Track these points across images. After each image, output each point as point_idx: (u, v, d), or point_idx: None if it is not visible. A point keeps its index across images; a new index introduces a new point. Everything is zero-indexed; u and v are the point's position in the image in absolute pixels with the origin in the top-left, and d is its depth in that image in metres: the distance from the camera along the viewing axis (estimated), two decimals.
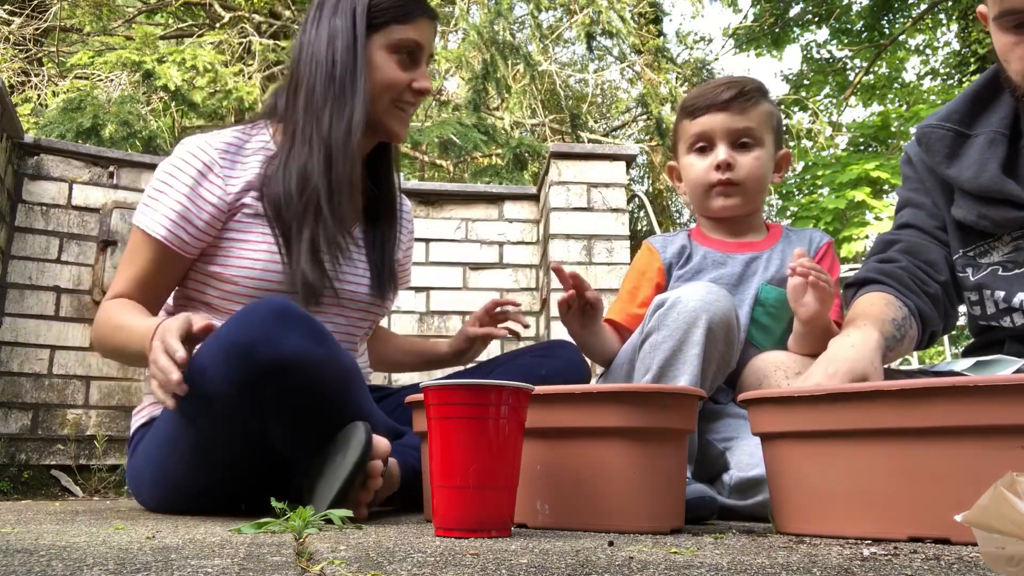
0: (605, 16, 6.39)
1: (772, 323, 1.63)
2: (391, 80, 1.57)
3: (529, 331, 3.10)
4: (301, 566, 0.71)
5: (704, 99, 1.68)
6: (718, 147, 1.66)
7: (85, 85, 5.17)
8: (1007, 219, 1.40)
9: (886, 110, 10.83)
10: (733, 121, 1.65)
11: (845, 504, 1.01)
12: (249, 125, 1.62)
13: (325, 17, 1.56)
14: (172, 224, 1.47)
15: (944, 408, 0.94)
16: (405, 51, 1.57)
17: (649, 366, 1.39)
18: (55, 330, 2.67)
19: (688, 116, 1.70)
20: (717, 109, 1.66)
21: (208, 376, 1.23)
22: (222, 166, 1.52)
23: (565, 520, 1.12)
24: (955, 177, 1.47)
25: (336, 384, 1.26)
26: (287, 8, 6.68)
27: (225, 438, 1.27)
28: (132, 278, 1.52)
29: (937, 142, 1.50)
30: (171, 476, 1.37)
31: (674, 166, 1.80)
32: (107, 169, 2.84)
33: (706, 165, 1.67)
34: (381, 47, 1.57)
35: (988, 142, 1.44)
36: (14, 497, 2.38)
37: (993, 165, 1.42)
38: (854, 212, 8.53)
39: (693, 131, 1.69)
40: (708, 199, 1.69)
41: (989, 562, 0.60)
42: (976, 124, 1.48)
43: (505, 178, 5.39)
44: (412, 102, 1.61)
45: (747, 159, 1.66)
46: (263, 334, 1.19)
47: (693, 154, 1.70)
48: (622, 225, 2.97)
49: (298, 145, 1.53)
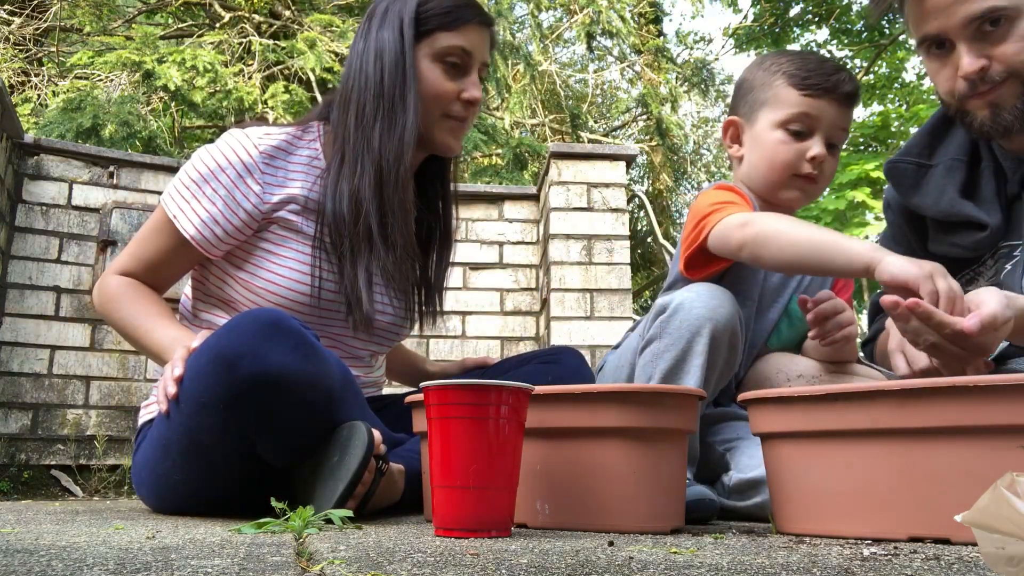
0: (605, 16, 6.39)
1: (792, 333, 1.63)
2: (438, 91, 1.51)
3: (529, 331, 3.10)
4: (301, 566, 0.71)
5: (825, 80, 1.51)
6: (816, 137, 1.53)
7: (85, 85, 5.17)
8: (975, 242, 1.42)
9: (886, 110, 10.82)
10: (840, 118, 1.54)
11: (845, 504, 1.01)
12: (301, 127, 1.56)
13: (374, 29, 1.52)
14: (202, 225, 1.45)
15: (944, 408, 0.94)
16: (452, 60, 1.51)
17: (651, 375, 1.36)
18: (55, 330, 2.67)
19: (798, 87, 1.52)
20: (834, 99, 1.52)
21: (196, 385, 1.23)
22: (263, 171, 1.46)
23: (565, 520, 1.12)
24: (919, 206, 1.50)
25: (323, 400, 1.24)
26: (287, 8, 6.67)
27: (214, 444, 1.26)
28: (144, 259, 1.50)
29: (901, 175, 1.53)
30: (165, 478, 1.36)
31: (738, 123, 1.62)
32: (107, 169, 2.84)
33: (798, 151, 1.53)
34: (427, 56, 1.51)
35: (946, 169, 1.48)
36: (14, 497, 2.38)
37: (951, 190, 1.45)
38: (854, 212, 8.53)
39: (800, 108, 1.52)
40: (784, 187, 1.55)
41: (989, 562, 0.60)
42: (936, 154, 1.51)
43: (505, 178, 5.39)
44: (463, 114, 1.54)
45: (831, 163, 1.56)
46: (249, 347, 1.17)
47: (784, 132, 1.53)
48: (622, 225, 2.97)
49: (348, 163, 1.48)
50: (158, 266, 1.50)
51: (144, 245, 1.51)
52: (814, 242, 1.28)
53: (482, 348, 3.06)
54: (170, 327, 1.44)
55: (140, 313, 1.47)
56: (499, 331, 3.09)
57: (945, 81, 1.37)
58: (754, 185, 1.59)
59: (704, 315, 1.32)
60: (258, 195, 1.46)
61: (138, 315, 1.46)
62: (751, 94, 1.59)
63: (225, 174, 1.45)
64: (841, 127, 1.55)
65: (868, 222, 8.35)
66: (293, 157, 1.51)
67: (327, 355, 1.28)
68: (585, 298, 2.88)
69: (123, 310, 1.48)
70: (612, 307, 2.88)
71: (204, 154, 1.48)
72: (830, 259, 1.26)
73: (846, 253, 1.24)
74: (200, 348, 1.25)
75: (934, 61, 1.38)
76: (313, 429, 1.25)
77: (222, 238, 1.46)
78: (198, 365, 1.23)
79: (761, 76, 1.57)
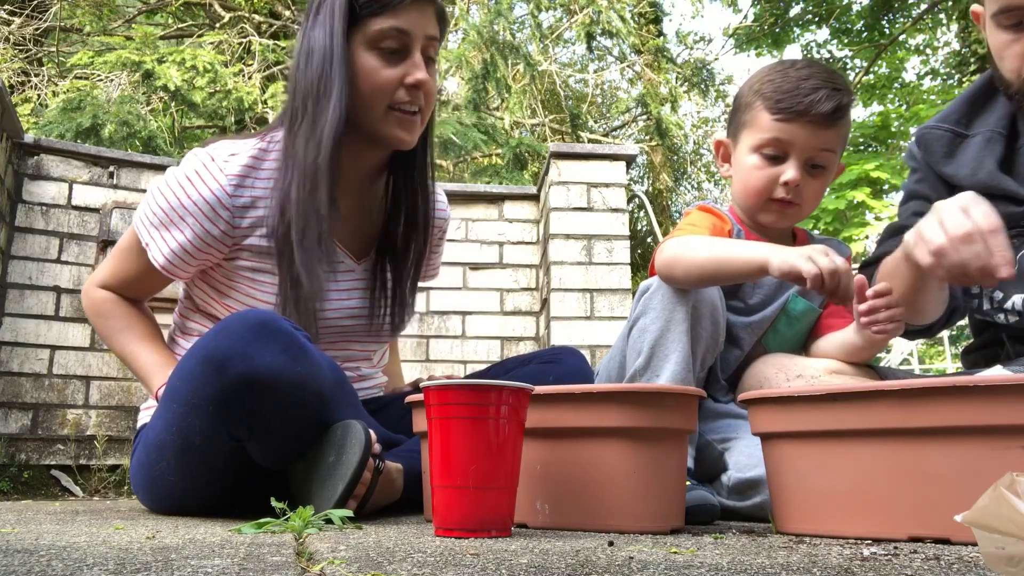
0: (605, 16, 6.39)
1: (789, 332, 1.62)
2: (376, 82, 1.41)
3: (529, 331, 3.11)
4: (301, 566, 0.71)
5: (800, 103, 1.46)
6: (791, 162, 1.50)
7: (85, 85, 5.17)
8: (1005, 215, 1.41)
9: (886, 110, 10.83)
10: (818, 139, 1.48)
11: (845, 504, 1.01)
12: (267, 137, 1.50)
13: (307, 26, 1.44)
14: (172, 255, 1.45)
15: (944, 408, 0.94)
16: (388, 45, 1.41)
17: (640, 348, 1.41)
18: (55, 330, 2.67)
19: (772, 111, 1.49)
20: (808, 121, 1.47)
21: (186, 386, 1.22)
22: (232, 196, 1.42)
23: (565, 520, 1.12)
24: (953, 175, 1.48)
25: (314, 401, 1.23)
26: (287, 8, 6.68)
27: (206, 445, 1.25)
28: (120, 277, 1.55)
29: (935, 143, 1.51)
30: (161, 479, 1.36)
31: (725, 143, 1.62)
32: (107, 169, 2.84)
33: (771, 176, 1.51)
34: (362, 45, 1.41)
35: (985, 141, 1.46)
36: (14, 497, 2.38)
37: (990, 162, 1.43)
38: (854, 212, 8.54)
39: (772, 134, 1.49)
40: (761, 211, 1.55)
41: (989, 562, 0.60)
42: (973, 125, 1.50)
43: (505, 178, 5.39)
44: (410, 100, 1.43)
45: (814, 184, 1.53)
46: (237, 349, 1.16)
47: (758, 156, 1.52)
48: (622, 225, 2.97)
49: (281, 171, 1.43)
50: (135, 283, 1.55)
51: (121, 264, 1.55)
52: (713, 256, 1.38)
53: (482, 348, 3.06)
54: (152, 352, 1.51)
55: (124, 336, 1.53)
56: (499, 331, 3.09)
57: (1015, 58, 1.35)
58: (739, 207, 1.61)
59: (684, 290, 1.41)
60: (227, 221, 1.43)
61: (122, 338, 1.54)
62: (737, 115, 1.59)
63: (196, 206, 1.41)
64: (822, 148, 1.49)
65: (868, 222, 8.35)
66: (261, 173, 1.46)
67: (318, 356, 1.27)
68: (585, 298, 2.88)
69: (109, 329, 1.55)
70: (612, 307, 2.88)
71: (172, 181, 1.44)
72: (730, 268, 1.38)
73: (743, 259, 1.35)
74: (190, 349, 1.25)
75: (1007, 34, 1.35)
76: (304, 430, 1.25)
77: (191, 264, 1.47)
78: (188, 366, 1.23)
79: (746, 96, 1.56)
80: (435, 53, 1.50)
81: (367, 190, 1.58)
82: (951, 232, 1.18)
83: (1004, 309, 1.45)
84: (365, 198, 1.59)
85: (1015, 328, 1.45)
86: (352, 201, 1.55)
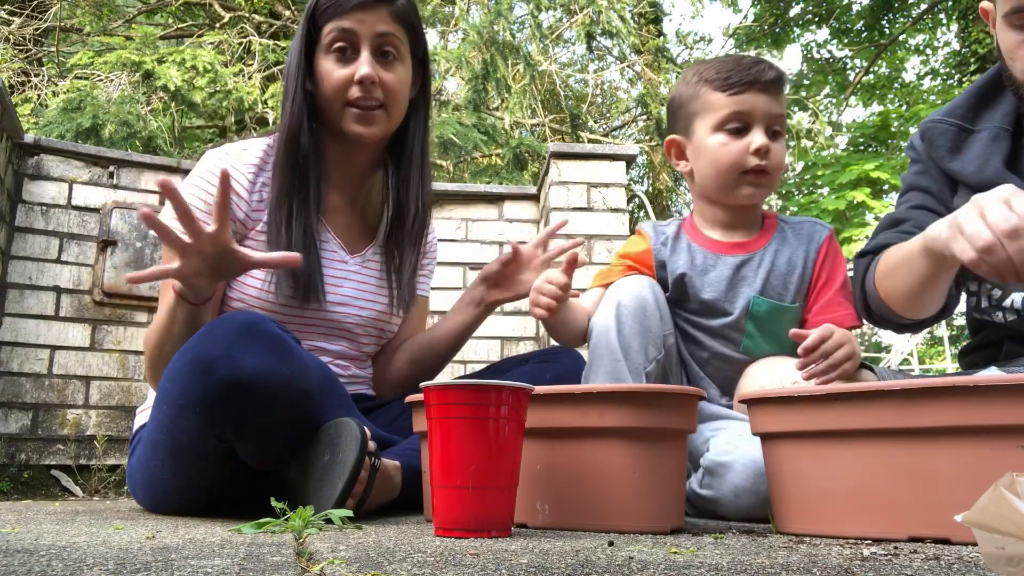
0: (605, 16, 6.39)
1: (763, 334, 1.57)
2: (331, 83, 1.53)
3: (529, 331, 3.10)
4: (301, 566, 0.71)
5: (746, 75, 1.53)
6: (755, 130, 1.54)
7: (85, 85, 5.17)
8: None
9: (886, 110, 10.84)
10: (772, 106, 1.54)
11: (845, 504, 1.01)
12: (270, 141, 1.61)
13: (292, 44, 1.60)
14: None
15: (944, 408, 0.94)
16: (338, 46, 1.52)
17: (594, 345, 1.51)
18: (55, 330, 2.67)
19: (722, 90, 1.54)
20: (760, 90, 1.53)
21: (174, 388, 1.23)
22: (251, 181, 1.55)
23: (565, 520, 1.12)
24: (958, 171, 1.47)
25: (301, 402, 1.23)
26: (287, 8, 6.67)
27: (196, 446, 1.25)
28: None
29: (940, 136, 1.51)
30: (155, 479, 1.36)
31: (678, 141, 1.64)
32: (107, 169, 2.84)
33: (740, 147, 1.54)
34: (322, 52, 1.55)
35: (991, 137, 1.45)
36: (14, 497, 2.38)
37: (996, 160, 1.42)
38: (854, 212, 8.54)
39: (731, 108, 1.53)
40: (737, 186, 1.56)
41: (989, 562, 0.60)
42: (979, 120, 1.49)
43: (505, 178, 5.39)
44: (363, 95, 1.52)
45: (779, 147, 1.56)
46: (224, 351, 1.17)
47: (724, 133, 1.55)
48: (622, 225, 2.97)
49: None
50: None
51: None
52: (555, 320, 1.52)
53: (482, 348, 3.06)
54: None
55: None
56: (499, 331, 3.09)
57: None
58: (709, 193, 1.62)
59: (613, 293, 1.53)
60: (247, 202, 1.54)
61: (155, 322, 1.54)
62: (682, 110, 1.62)
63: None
64: (776, 113, 1.55)
65: (868, 222, 8.35)
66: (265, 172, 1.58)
67: (305, 357, 1.27)
68: None
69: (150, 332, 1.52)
70: None
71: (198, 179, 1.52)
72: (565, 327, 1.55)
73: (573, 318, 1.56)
74: (179, 352, 1.26)
75: (1019, 34, 1.35)
76: (293, 431, 1.25)
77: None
78: (176, 368, 1.23)
79: (687, 90, 1.61)
80: (397, 49, 1.57)
81: (359, 187, 1.68)
82: (996, 226, 1.11)
83: (1003, 307, 1.44)
84: (358, 194, 1.68)
85: (1012, 327, 1.45)
86: (343, 196, 1.66)
